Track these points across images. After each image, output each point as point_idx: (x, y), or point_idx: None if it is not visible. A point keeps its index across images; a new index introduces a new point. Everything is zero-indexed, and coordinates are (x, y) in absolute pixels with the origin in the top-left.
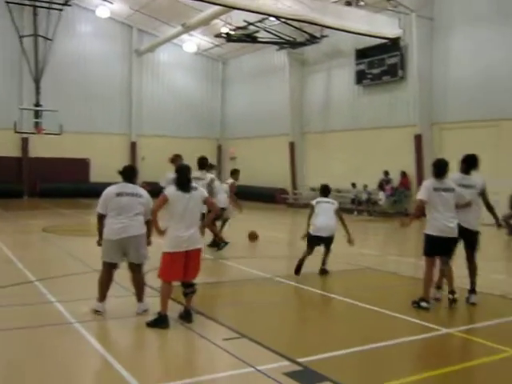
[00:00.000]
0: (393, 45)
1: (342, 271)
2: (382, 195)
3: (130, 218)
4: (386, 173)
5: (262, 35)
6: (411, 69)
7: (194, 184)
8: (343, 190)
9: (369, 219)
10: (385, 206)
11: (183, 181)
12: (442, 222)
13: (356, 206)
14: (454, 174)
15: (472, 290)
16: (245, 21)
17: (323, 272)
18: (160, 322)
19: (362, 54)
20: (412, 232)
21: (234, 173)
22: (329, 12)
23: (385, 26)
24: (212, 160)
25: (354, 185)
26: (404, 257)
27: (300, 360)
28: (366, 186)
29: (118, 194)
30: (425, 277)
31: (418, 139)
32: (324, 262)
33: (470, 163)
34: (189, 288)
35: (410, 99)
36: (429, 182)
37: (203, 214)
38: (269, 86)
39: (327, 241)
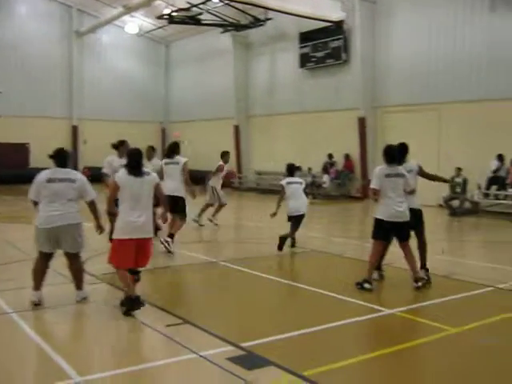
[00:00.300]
0: (336, 28)
1: (287, 254)
2: (326, 178)
3: (63, 204)
4: (330, 156)
5: (205, 17)
6: (354, 52)
7: (145, 169)
8: None
9: (313, 202)
10: (329, 188)
11: (134, 165)
12: (393, 206)
13: None
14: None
15: (423, 266)
16: (188, 2)
17: (292, 246)
18: (134, 304)
19: (305, 37)
20: (356, 214)
21: (224, 155)
22: None
23: (328, 9)
24: (156, 144)
25: (299, 168)
26: (349, 239)
27: (244, 345)
28: (310, 169)
29: (50, 180)
30: (370, 259)
31: (362, 122)
32: (293, 239)
33: (403, 151)
34: (134, 275)
35: (353, 82)
36: (380, 169)
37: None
38: (213, 69)
39: (301, 218)
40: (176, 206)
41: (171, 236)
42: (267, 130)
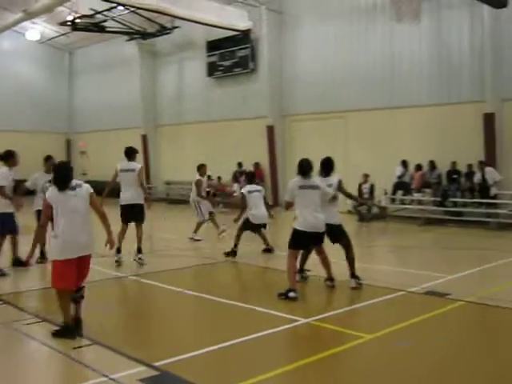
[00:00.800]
0: (244, 37)
1: (198, 266)
2: (236, 187)
3: None
4: (240, 164)
5: (110, 25)
6: (262, 61)
7: (76, 181)
8: None
9: (224, 211)
10: (239, 197)
11: (62, 179)
12: (308, 217)
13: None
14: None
15: (352, 275)
16: (92, 9)
17: (268, 251)
18: (67, 332)
19: (213, 45)
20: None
21: (200, 168)
22: (179, 2)
23: (235, 18)
24: (61, 155)
25: (209, 177)
26: (261, 247)
27: (157, 364)
28: (220, 178)
29: None
30: (289, 268)
31: (270, 130)
32: (266, 243)
33: (327, 166)
34: (78, 292)
35: (261, 91)
36: (294, 181)
37: None
38: (120, 78)
39: (264, 226)
40: (135, 213)
41: (140, 250)
42: (176, 139)
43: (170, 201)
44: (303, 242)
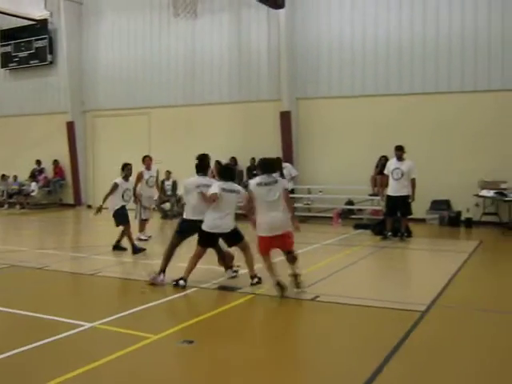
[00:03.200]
0: (41, 27)
1: None
2: (34, 186)
3: None
4: (39, 162)
5: None
6: (61, 54)
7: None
8: None
9: (21, 212)
10: (38, 197)
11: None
12: (216, 219)
13: (7, 199)
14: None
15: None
16: None
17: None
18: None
19: (7, 35)
20: (67, 223)
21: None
22: None
23: (31, 7)
24: None
25: (3, 176)
26: (56, 250)
27: None
28: (15, 177)
29: None
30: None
31: (71, 126)
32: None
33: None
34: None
35: (60, 85)
36: (218, 184)
37: None
38: None
39: None
40: None
41: None
42: None
43: None
44: (208, 241)
